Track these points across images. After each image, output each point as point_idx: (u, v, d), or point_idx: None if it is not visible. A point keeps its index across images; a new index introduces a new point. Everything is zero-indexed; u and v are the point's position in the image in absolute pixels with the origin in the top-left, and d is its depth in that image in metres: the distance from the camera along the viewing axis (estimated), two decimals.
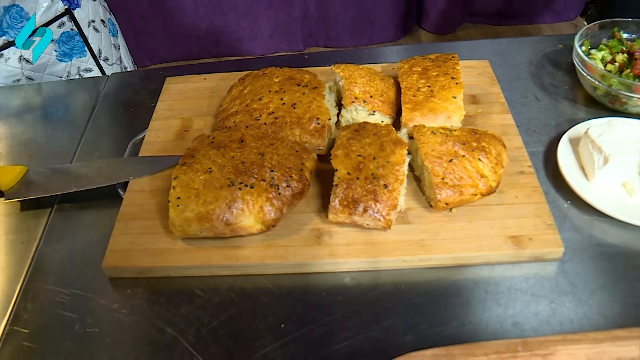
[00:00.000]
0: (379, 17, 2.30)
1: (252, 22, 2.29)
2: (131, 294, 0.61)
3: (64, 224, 0.69)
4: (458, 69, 0.75)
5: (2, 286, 0.63)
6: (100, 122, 0.84)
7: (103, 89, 0.90)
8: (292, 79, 0.74)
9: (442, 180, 0.62)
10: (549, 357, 0.39)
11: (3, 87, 0.94)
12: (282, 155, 0.65)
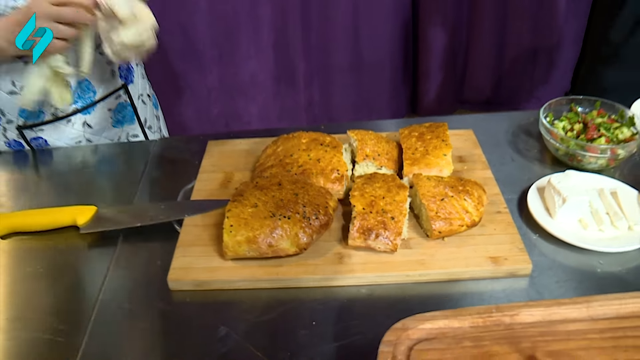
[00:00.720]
0: (377, 104, 2.62)
1: (261, 107, 2.59)
2: (190, 302, 0.80)
3: (129, 252, 0.89)
4: (447, 134, 0.99)
5: (81, 302, 0.83)
6: (152, 174, 1.06)
7: (153, 149, 1.13)
8: (316, 140, 0.98)
9: (435, 214, 0.84)
10: (515, 316, 0.59)
11: (67, 147, 1.16)
12: (312, 196, 0.86)
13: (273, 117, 2.55)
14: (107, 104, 1.18)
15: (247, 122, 2.54)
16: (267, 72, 2.58)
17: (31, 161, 1.16)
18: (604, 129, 1.00)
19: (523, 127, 1.13)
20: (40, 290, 0.85)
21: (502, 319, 0.59)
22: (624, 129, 1.00)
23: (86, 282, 0.86)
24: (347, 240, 0.83)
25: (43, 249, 0.91)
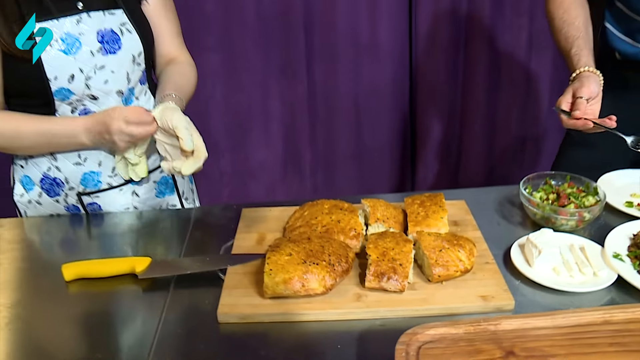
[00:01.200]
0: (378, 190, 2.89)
1: (269, 191, 2.86)
2: (236, 332, 1.01)
3: (181, 295, 1.11)
4: (444, 201, 1.24)
5: (141, 339, 1.03)
6: (195, 235, 1.29)
7: (194, 215, 1.37)
8: (336, 206, 1.22)
9: (435, 261, 1.07)
10: (498, 325, 0.80)
11: (117, 212, 1.40)
12: (335, 248, 1.09)
13: (281, 198, 2.81)
14: (152, 177, 1.43)
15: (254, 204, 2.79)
16: (276, 160, 2.87)
17: (85, 223, 1.39)
18: (573, 197, 1.25)
19: (508, 199, 1.38)
20: (103, 329, 1.05)
21: (488, 327, 0.81)
22: (590, 197, 1.25)
23: (145, 319, 1.07)
24: (364, 283, 1.06)
25: (105, 293, 1.13)
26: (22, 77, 1.24)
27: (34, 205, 1.40)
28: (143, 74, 1.38)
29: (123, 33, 1.29)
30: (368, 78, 2.75)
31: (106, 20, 1.27)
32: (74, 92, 1.27)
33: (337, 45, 2.68)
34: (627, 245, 1.16)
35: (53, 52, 1.22)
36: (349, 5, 2.63)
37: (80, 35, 1.24)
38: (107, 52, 1.28)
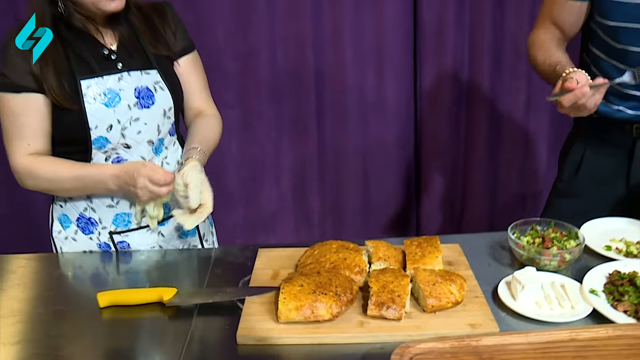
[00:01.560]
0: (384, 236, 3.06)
1: (279, 239, 3.03)
2: (252, 353, 1.17)
3: (204, 321, 1.26)
4: (439, 243, 1.41)
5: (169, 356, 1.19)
6: (216, 271, 1.46)
7: (214, 254, 1.55)
8: (343, 246, 1.40)
9: (429, 293, 1.23)
10: (479, 341, 0.95)
11: (144, 250, 1.58)
12: (341, 281, 1.26)
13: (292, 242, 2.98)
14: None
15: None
16: (286, 210, 3.06)
17: (115, 259, 1.57)
18: (557, 241, 1.42)
19: (499, 243, 1.55)
20: (134, 350, 1.22)
21: (470, 342, 0.97)
22: (571, 241, 1.42)
23: (171, 342, 1.23)
24: (367, 311, 1.22)
25: (135, 319, 1.29)
26: (67, 126, 1.45)
27: (69, 242, 1.59)
28: (172, 127, 1.59)
29: (156, 90, 1.51)
30: (375, 133, 2.96)
31: (142, 79, 1.49)
32: (110, 140, 1.47)
33: (345, 102, 2.91)
34: (603, 283, 1.32)
35: (96, 105, 1.43)
36: (358, 65, 2.87)
37: (120, 91, 1.46)
38: (142, 106, 1.49)
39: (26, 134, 1.45)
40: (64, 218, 1.58)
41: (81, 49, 1.45)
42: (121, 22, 1.49)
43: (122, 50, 1.49)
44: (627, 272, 1.33)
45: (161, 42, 1.53)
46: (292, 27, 2.80)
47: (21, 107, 1.43)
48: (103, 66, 1.46)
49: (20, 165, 1.46)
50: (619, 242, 1.51)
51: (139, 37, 1.51)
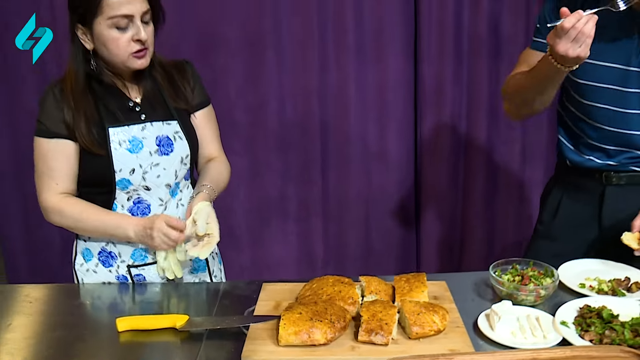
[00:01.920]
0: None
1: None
2: None
3: (212, 344, 1.43)
4: (425, 279, 1.58)
5: None
6: (224, 302, 1.64)
7: (222, 287, 1.72)
8: (338, 280, 1.57)
9: (414, 322, 1.40)
10: (451, 358, 1.11)
11: (158, 282, 1.76)
12: (336, 310, 1.43)
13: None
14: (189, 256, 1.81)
15: None
16: (291, 254, 3.24)
17: (131, 290, 1.75)
18: (534, 278, 1.59)
19: (483, 281, 1.71)
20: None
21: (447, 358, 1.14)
22: (547, 279, 1.59)
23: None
24: (358, 337, 1.39)
25: (150, 342, 1.46)
26: (94, 169, 1.66)
27: (90, 273, 1.78)
28: (187, 172, 1.79)
29: (176, 139, 1.72)
30: (377, 181, 3.16)
31: (164, 129, 1.70)
32: (132, 182, 1.67)
33: (349, 152, 3.12)
34: (574, 316, 1.49)
35: (121, 150, 1.64)
36: (361, 116, 3.10)
37: (143, 139, 1.67)
38: (162, 153, 1.69)
39: (55, 175, 1.66)
40: (87, 252, 1.77)
41: (109, 101, 1.67)
42: (145, 78, 1.71)
43: (146, 103, 1.71)
44: (596, 307, 1.49)
45: (180, 96, 1.75)
46: (299, 80, 3.05)
47: (53, 151, 1.65)
48: (128, 117, 1.68)
49: (49, 203, 1.66)
50: (592, 281, 1.67)
51: (161, 91, 1.73)
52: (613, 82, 1.74)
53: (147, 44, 1.62)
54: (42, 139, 1.65)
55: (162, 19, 1.68)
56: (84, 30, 1.61)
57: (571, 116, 1.90)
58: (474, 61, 3.07)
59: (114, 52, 1.60)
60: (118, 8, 1.55)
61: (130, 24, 1.58)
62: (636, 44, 1.69)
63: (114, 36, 1.58)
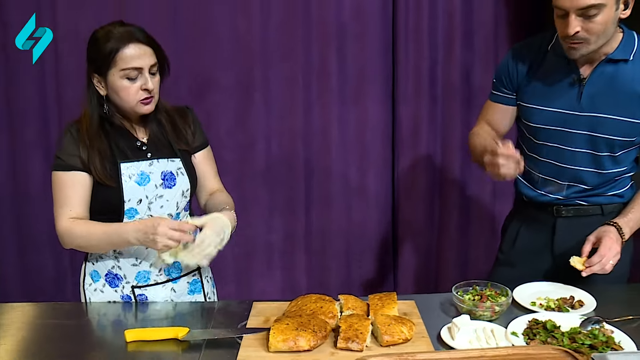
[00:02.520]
0: None
1: None
2: None
3: (210, 353, 1.69)
4: (396, 298, 1.86)
5: None
6: (218, 318, 1.89)
7: (217, 306, 1.98)
8: (320, 298, 1.84)
9: (385, 331, 1.67)
10: (415, 356, 1.36)
11: (159, 302, 2.01)
12: (318, 322, 1.70)
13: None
14: (187, 278, 2.06)
15: None
16: (275, 287, 3.49)
17: (134, 309, 2.00)
18: (491, 297, 1.87)
19: (448, 301, 1.98)
20: None
21: (408, 357, 1.40)
22: (502, 297, 1.87)
23: None
24: (337, 344, 1.65)
25: (155, 351, 1.71)
26: (106, 199, 1.92)
27: (97, 293, 2.03)
28: (187, 204, 2.06)
29: (178, 175, 1.99)
30: (357, 217, 3.45)
31: (168, 165, 1.98)
32: (139, 212, 1.94)
33: (331, 188, 3.41)
34: (524, 328, 1.76)
35: (130, 183, 1.91)
36: (342, 155, 3.40)
37: (150, 173, 1.94)
38: (165, 186, 1.97)
39: (70, 202, 1.92)
40: (95, 274, 2.03)
41: (119, 140, 1.95)
42: (151, 121, 2.00)
43: (151, 143, 1.99)
44: (543, 320, 1.77)
45: (182, 139, 2.04)
46: (285, 121, 3.36)
47: (69, 182, 1.91)
48: (136, 154, 1.96)
49: (62, 227, 1.91)
50: (542, 300, 1.96)
51: (165, 133, 2.01)
52: (560, 124, 2.06)
53: (153, 92, 1.91)
54: (59, 172, 1.92)
55: (167, 71, 1.98)
56: (99, 79, 1.89)
57: (525, 155, 2.21)
58: (447, 105, 3.40)
59: (125, 99, 1.89)
60: (130, 62, 1.84)
61: (140, 75, 1.87)
62: (577, 92, 2.01)
63: (125, 85, 1.87)
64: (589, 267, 1.90)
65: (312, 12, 3.30)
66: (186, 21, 3.25)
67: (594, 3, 1.79)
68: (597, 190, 2.15)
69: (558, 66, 2.02)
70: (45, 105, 3.30)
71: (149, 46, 1.87)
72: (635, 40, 1.98)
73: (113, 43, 1.83)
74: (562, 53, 1.97)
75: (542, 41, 2.10)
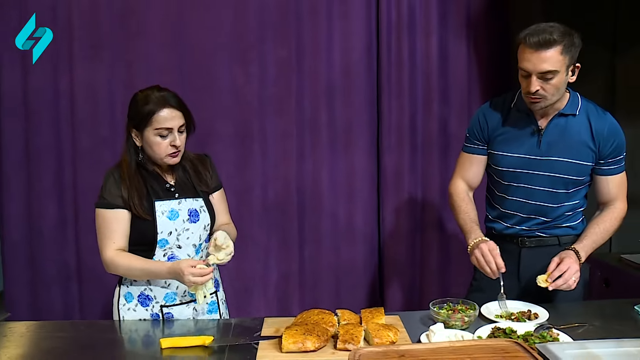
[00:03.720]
0: None
1: None
2: None
3: (232, 355, 2.14)
4: (383, 312, 2.34)
5: None
6: (236, 331, 2.36)
7: (234, 322, 2.45)
8: (321, 312, 2.32)
9: (375, 335, 2.15)
10: (399, 347, 1.83)
11: (183, 320, 2.47)
12: (321, 329, 2.18)
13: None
14: (206, 300, 2.53)
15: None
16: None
17: (162, 325, 2.46)
18: (462, 311, 2.37)
19: (426, 316, 2.46)
20: None
21: (394, 347, 1.88)
22: (471, 311, 2.36)
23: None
24: (336, 346, 2.13)
25: (185, 355, 2.16)
26: (142, 231, 2.40)
27: (130, 312, 2.49)
28: (207, 236, 2.56)
29: (201, 212, 2.49)
30: (346, 255, 3.95)
31: (193, 204, 2.48)
32: (169, 242, 2.43)
33: (322, 230, 3.92)
34: (488, 334, 2.25)
35: (163, 218, 2.40)
36: (332, 199, 3.92)
37: (179, 210, 2.44)
38: (191, 221, 2.46)
39: (113, 236, 2.40)
40: (129, 295, 2.49)
41: (152, 182, 2.45)
42: (178, 168, 2.51)
43: (178, 185, 2.50)
44: (504, 327, 2.27)
45: (203, 182, 2.55)
46: (280, 169, 3.88)
47: (112, 218, 2.40)
48: (166, 194, 2.46)
49: (108, 257, 2.39)
50: (505, 313, 2.46)
51: (189, 177, 2.52)
52: (524, 167, 2.60)
53: (180, 148, 2.43)
54: (103, 210, 2.41)
55: (193, 129, 2.51)
56: (137, 133, 2.41)
57: (494, 195, 2.75)
58: (426, 153, 3.96)
59: (157, 152, 2.41)
60: (163, 123, 2.37)
61: (170, 134, 2.39)
62: (536, 140, 2.56)
63: (158, 141, 2.39)
64: (553, 281, 2.39)
65: (304, 71, 3.87)
66: (190, 75, 3.80)
67: (550, 69, 2.37)
68: (554, 223, 2.67)
69: (520, 119, 2.59)
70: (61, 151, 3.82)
71: (179, 110, 2.41)
72: (579, 99, 2.57)
73: (150, 106, 2.36)
74: (524, 109, 2.54)
75: (505, 100, 2.67)
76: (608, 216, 2.63)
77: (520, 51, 2.42)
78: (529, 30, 2.39)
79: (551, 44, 2.34)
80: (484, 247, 2.50)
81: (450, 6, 3.94)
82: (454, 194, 2.80)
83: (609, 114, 2.59)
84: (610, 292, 3.06)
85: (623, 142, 2.58)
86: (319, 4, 3.86)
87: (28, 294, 3.88)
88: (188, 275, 2.29)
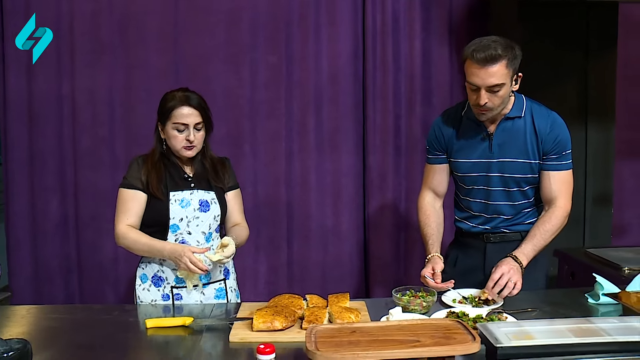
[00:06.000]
0: None
1: None
2: (238, 348, 2.36)
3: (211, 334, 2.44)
4: (348, 296, 2.64)
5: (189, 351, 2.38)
6: (215, 312, 2.67)
7: (216, 305, 2.76)
8: (291, 296, 2.62)
9: (337, 317, 2.43)
10: (353, 324, 2.13)
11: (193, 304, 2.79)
12: (289, 311, 2.47)
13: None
14: (214, 285, 2.85)
15: None
16: None
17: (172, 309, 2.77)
18: (422, 297, 2.66)
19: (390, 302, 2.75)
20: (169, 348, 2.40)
21: (348, 325, 2.18)
22: (430, 297, 2.65)
23: (190, 343, 2.41)
24: (302, 326, 2.42)
25: (170, 335, 2.47)
26: (156, 213, 2.75)
27: (145, 292, 2.84)
28: (217, 226, 2.89)
29: (211, 203, 2.83)
30: (332, 252, 4.24)
31: (205, 195, 2.83)
32: (180, 227, 2.77)
33: (309, 227, 4.22)
34: (443, 317, 2.54)
35: (176, 205, 2.75)
36: (319, 198, 4.23)
37: (191, 199, 2.79)
38: (202, 210, 2.81)
39: (128, 213, 2.76)
40: (144, 276, 2.85)
41: (172, 172, 2.82)
42: (197, 162, 2.88)
43: (195, 177, 2.85)
44: (457, 311, 2.55)
45: (219, 180, 2.90)
46: (270, 170, 4.19)
47: (130, 197, 2.76)
48: (182, 184, 2.82)
49: (120, 230, 2.74)
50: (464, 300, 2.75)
51: (207, 172, 2.88)
52: (480, 171, 2.89)
53: (194, 142, 2.77)
54: (124, 189, 2.78)
55: (211, 128, 2.87)
56: (161, 127, 2.79)
57: (460, 198, 3.04)
58: (410, 154, 4.25)
59: (173, 143, 2.77)
60: (180, 119, 2.73)
61: (186, 129, 2.75)
62: (487, 144, 2.85)
63: (175, 135, 2.75)
64: (492, 292, 2.66)
65: (293, 76, 4.19)
66: (185, 79, 4.10)
67: (498, 83, 2.64)
68: (515, 220, 2.95)
69: (471, 127, 2.88)
70: (63, 151, 4.16)
71: (197, 109, 2.76)
72: (524, 101, 2.85)
73: (172, 103, 2.74)
74: (473, 117, 2.82)
75: (457, 110, 2.97)
76: (549, 217, 2.86)
77: (468, 66, 2.68)
78: (474, 46, 2.64)
79: (497, 59, 2.60)
80: (427, 274, 2.82)
81: (433, 12, 4.23)
82: (419, 208, 3.10)
83: (554, 112, 2.87)
84: (576, 284, 3.32)
85: (567, 139, 2.83)
86: (308, 12, 4.17)
87: (31, 287, 4.21)
88: (184, 258, 2.61)
